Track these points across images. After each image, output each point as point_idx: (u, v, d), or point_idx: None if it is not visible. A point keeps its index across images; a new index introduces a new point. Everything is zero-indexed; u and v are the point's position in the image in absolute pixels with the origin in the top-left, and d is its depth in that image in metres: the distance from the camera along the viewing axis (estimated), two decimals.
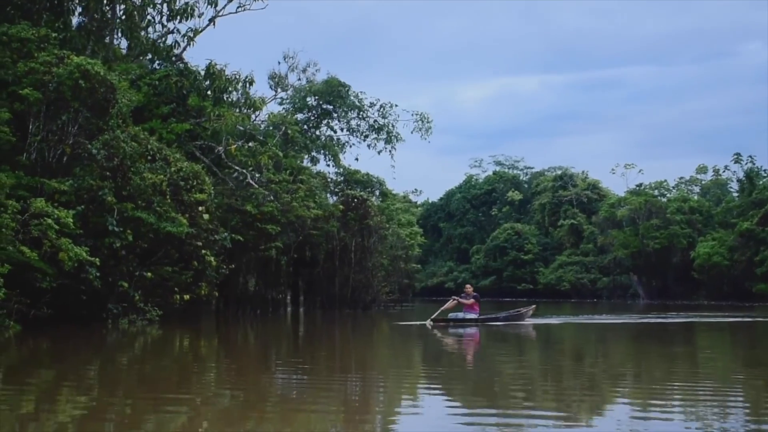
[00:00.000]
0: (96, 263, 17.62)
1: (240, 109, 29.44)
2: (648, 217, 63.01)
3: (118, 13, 27.68)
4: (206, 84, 27.67)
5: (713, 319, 27.64)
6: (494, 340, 17.53)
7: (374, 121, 40.08)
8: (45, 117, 19.53)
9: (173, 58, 29.76)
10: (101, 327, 18.58)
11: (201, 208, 22.11)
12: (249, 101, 29.67)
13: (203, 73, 28.02)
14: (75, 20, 27.05)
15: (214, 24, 30.39)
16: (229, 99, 28.96)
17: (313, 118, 39.52)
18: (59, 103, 19.62)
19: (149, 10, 28.66)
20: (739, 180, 62.78)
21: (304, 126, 38.40)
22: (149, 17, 28.92)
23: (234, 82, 28.34)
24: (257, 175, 27.71)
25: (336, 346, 16.50)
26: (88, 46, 25.54)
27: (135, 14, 27.64)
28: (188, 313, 23.59)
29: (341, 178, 40.54)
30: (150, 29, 29.52)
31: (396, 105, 40.83)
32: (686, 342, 18.46)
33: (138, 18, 28.18)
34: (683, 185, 79.51)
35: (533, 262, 76.66)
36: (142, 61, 29.73)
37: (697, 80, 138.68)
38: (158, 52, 29.63)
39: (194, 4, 29.42)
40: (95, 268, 17.71)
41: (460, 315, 21.79)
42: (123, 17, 27.73)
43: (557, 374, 10.75)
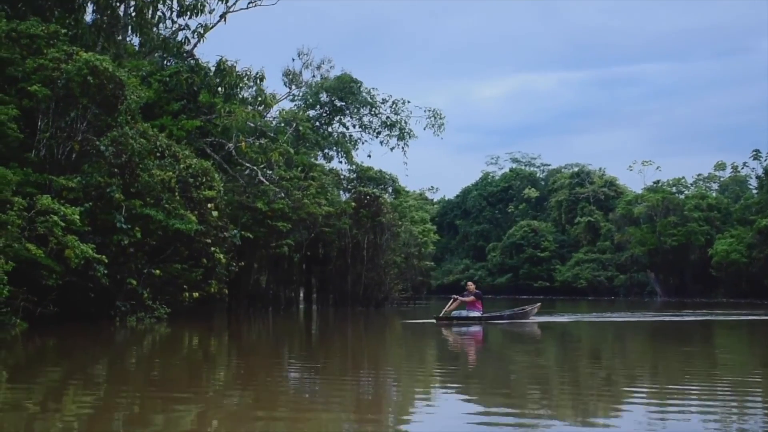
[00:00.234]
0: (103, 260, 17.49)
1: (251, 106, 29.31)
2: (665, 214, 62.50)
3: (129, 10, 27.63)
4: (217, 80, 27.54)
5: (730, 317, 27.14)
6: (497, 339, 17.24)
7: (386, 118, 39.95)
8: (54, 113, 19.43)
9: (184, 55, 29.67)
10: (109, 325, 18.43)
11: (210, 205, 21.95)
12: (261, 97, 29.55)
13: (213, 70, 27.90)
14: (88, 17, 27.07)
15: (225, 20, 30.37)
16: (240, 96, 28.84)
17: (325, 115, 39.34)
18: (68, 100, 19.52)
19: (159, 6, 28.57)
20: (758, 177, 62.21)
21: (316, 123, 38.23)
22: (160, 13, 28.83)
23: (245, 78, 28.20)
24: (269, 172, 27.55)
25: (348, 344, 16.31)
26: (99, 43, 25.48)
27: (145, 10, 27.54)
28: (199, 311, 23.43)
29: (354, 175, 40.36)
30: (161, 26, 29.47)
31: (408, 101, 40.70)
32: (704, 340, 18.06)
33: (150, 14, 28.09)
34: (701, 182, 78.87)
35: (550, 260, 76.29)
36: (154, 58, 29.66)
37: (716, 76, 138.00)
38: (169, 49, 29.55)
39: (204, 0, 29.34)
40: (103, 266, 17.58)
41: (464, 313, 21.57)
42: (134, 14, 27.66)
43: (573, 373, 10.47)
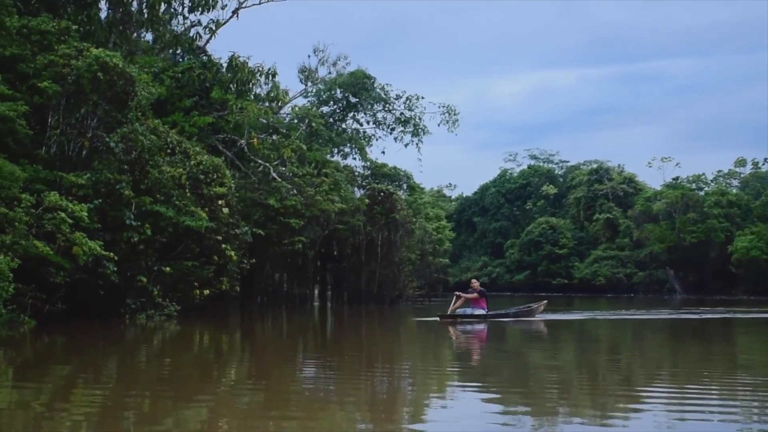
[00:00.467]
0: (112, 258, 17.38)
1: (264, 102, 29.19)
2: (685, 211, 61.81)
3: (142, 6, 27.57)
4: (229, 76, 27.41)
5: (750, 315, 26.63)
6: (499, 338, 16.98)
7: (400, 114, 39.63)
8: (64, 110, 19.39)
9: (196, 51, 29.59)
10: (118, 323, 18.31)
11: (221, 202, 21.81)
12: (274, 93, 29.44)
13: (226, 66, 27.78)
14: (103, 14, 27.05)
15: (237, 16, 30.28)
16: (253, 92, 28.73)
17: (339, 111, 39.08)
18: (78, 96, 19.47)
19: (172, 2, 28.48)
20: None
21: (330, 119, 38.01)
22: (172, 9, 28.74)
23: (257, 74, 28.06)
24: (282, 169, 27.41)
25: (362, 342, 16.15)
26: (111, 39, 25.45)
27: (157, 6, 27.46)
28: (211, 309, 23.31)
29: (368, 172, 40.13)
30: (173, 22, 29.40)
31: (422, 97, 40.38)
32: (723, 339, 17.65)
33: (162, 9, 28.01)
34: (721, 178, 77.92)
35: (568, 257, 75.80)
36: (168, 55, 29.61)
37: (738, 72, 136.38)
38: (181, 43, 29.47)
39: None
40: (112, 263, 17.48)
41: (468, 311, 21.35)
42: (146, 10, 27.60)
43: (590, 373, 10.20)
